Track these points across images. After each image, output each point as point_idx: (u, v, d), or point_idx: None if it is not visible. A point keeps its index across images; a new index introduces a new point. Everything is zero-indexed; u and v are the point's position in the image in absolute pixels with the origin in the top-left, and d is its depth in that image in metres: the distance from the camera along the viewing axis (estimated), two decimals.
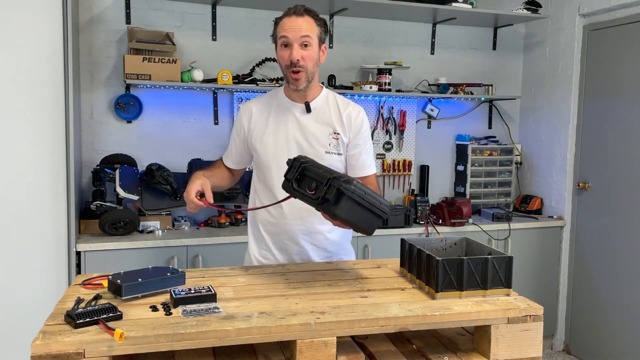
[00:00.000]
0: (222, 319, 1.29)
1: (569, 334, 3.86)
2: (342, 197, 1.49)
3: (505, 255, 1.50)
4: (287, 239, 1.97)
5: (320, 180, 1.53)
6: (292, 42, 1.84)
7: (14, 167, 2.63)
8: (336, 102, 2.00)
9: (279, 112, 1.97)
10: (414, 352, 1.46)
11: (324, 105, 1.98)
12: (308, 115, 1.95)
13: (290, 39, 1.84)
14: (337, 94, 2.06)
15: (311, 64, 1.88)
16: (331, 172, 1.55)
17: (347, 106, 1.99)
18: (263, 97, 2.06)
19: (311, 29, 1.86)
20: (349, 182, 1.49)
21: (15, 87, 2.60)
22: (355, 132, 1.97)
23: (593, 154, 3.67)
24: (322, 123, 1.95)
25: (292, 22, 1.85)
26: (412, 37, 3.92)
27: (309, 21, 1.87)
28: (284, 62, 1.87)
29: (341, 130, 1.96)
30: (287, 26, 1.85)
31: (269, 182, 1.96)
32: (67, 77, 2.70)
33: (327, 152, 1.93)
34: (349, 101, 2.03)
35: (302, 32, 1.83)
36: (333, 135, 1.95)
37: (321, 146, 1.93)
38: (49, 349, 1.14)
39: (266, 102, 2.01)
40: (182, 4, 3.39)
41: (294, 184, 1.59)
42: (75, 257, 2.79)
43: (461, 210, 3.57)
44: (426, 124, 4.02)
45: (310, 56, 1.87)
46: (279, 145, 1.94)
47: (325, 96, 2.00)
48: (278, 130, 1.95)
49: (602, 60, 3.59)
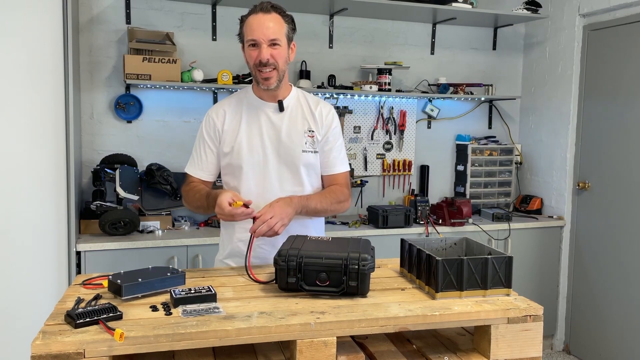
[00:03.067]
0: (222, 319, 1.29)
1: (569, 334, 3.86)
2: (365, 276, 1.45)
3: (505, 255, 1.50)
4: (264, 244, 1.89)
5: (333, 269, 1.45)
6: (260, 43, 1.79)
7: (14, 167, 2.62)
8: (307, 101, 1.97)
9: (251, 112, 1.92)
10: (414, 352, 1.46)
11: (295, 104, 1.95)
12: (281, 114, 1.91)
13: (258, 40, 1.79)
14: (308, 93, 2.03)
15: (282, 62, 1.83)
16: (331, 255, 1.47)
17: (317, 104, 1.97)
18: (231, 97, 1.99)
19: (279, 29, 1.81)
20: (364, 259, 1.45)
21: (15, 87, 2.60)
22: (326, 129, 1.95)
23: (593, 154, 3.67)
24: (296, 121, 1.92)
25: (259, 20, 1.79)
26: (412, 37, 3.92)
27: (277, 19, 1.81)
28: (252, 61, 1.82)
29: (315, 128, 1.93)
30: (255, 26, 1.79)
31: (242, 186, 1.90)
32: (67, 77, 2.70)
33: (303, 151, 1.90)
34: (318, 99, 2.01)
35: (271, 35, 1.78)
36: (308, 134, 1.92)
37: (297, 145, 1.90)
38: (49, 349, 1.14)
39: (236, 103, 1.95)
40: (182, 4, 3.39)
41: (302, 284, 1.46)
42: (75, 257, 2.79)
43: (461, 210, 3.57)
44: (426, 124, 4.02)
45: (280, 54, 1.82)
46: (253, 146, 1.89)
47: (296, 95, 1.97)
48: (251, 131, 1.90)
49: (602, 60, 3.59)
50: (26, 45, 2.61)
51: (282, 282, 1.47)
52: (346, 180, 2.02)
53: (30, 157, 2.65)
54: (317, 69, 3.68)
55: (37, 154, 2.66)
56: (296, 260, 1.46)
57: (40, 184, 2.67)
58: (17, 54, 2.59)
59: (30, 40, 2.61)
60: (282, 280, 1.47)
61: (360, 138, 3.82)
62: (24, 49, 2.61)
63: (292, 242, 1.56)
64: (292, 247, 1.50)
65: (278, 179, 1.91)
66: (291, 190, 1.90)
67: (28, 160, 2.65)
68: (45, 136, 2.67)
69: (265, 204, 1.76)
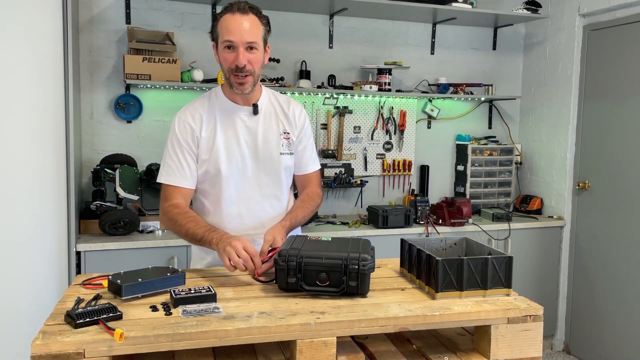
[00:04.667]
0: (222, 319, 1.29)
1: (569, 334, 3.86)
2: (365, 276, 1.45)
3: (505, 255, 1.50)
4: None
5: (333, 269, 1.45)
6: (238, 46, 1.72)
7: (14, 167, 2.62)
8: (278, 101, 1.94)
9: (225, 117, 1.85)
10: (414, 352, 1.46)
11: (268, 106, 1.91)
12: (255, 117, 1.87)
13: (235, 42, 1.72)
14: (276, 91, 1.99)
15: (258, 68, 1.78)
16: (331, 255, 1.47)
17: (289, 104, 1.94)
18: (203, 100, 1.89)
19: (256, 32, 1.75)
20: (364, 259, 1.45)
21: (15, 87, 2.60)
22: (299, 129, 1.94)
23: (593, 154, 3.67)
24: (270, 124, 1.89)
25: (236, 21, 1.72)
26: (412, 37, 3.92)
27: (254, 21, 1.75)
28: (228, 65, 1.75)
29: (290, 129, 1.91)
30: (232, 27, 1.72)
31: (222, 193, 1.84)
32: (67, 77, 2.70)
33: (281, 154, 1.89)
34: (288, 98, 1.98)
35: (248, 38, 1.72)
36: (284, 135, 1.90)
37: (274, 148, 1.88)
38: (49, 349, 1.14)
39: (209, 106, 1.86)
40: (182, 4, 3.39)
41: (302, 284, 1.46)
42: (75, 257, 2.79)
43: (461, 210, 3.57)
44: (426, 124, 4.02)
45: (257, 59, 1.76)
46: (231, 152, 1.83)
47: (267, 96, 1.93)
48: (227, 136, 1.84)
49: (602, 60, 3.59)
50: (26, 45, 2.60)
51: (282, 282, 1.47)
52: (318, 178, 2.04)
53: (30, 157, 2.65)
54: (317, 69, 3.68)
55: (37, 153, 2.66)
56: (296, 260, 1.45)
57: (40, 184, 2.67)
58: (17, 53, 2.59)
59: (30, 40, 2.61)
60: (282, 280, 1.47)
61: (360, 138, 3.82)
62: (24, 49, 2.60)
63: (292, 242, 1.56)
64: (292, 247, 1.50)
65: (258, 184, 1.88)
66: (271, 194, 1.89)
67: (28, 160, 2.65)
68: (45, 136, 2.66)
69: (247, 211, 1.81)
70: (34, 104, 2.63)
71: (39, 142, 2.66)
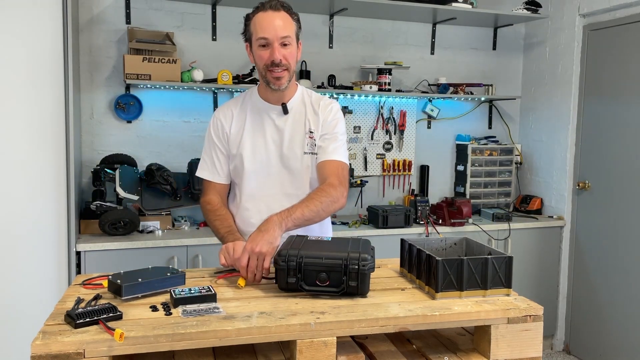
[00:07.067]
0: (222, 319, 1.29)
1: (569, 334, 3.86)
2: (365, 276, 1.45)
3: (505, 255, 1.50)
4: None
5: (333, 269, 1.44)
6: (272, 42, 1.76)
7: (14, 167, 2.62)
8: (311, 100, 1.95)
9: (255, 115, 1.91)
10: (414, 352, 1.46)
11: (300, 105, 1.93)
12: (285, 116, 1.90)
13: (270, 39, 1.76)
14: (313, 91, 2.00)
15: (293, 62, 1.82)
16: (331, 255, 1.46)
17: (320, 101, 1.94)
18: (238, 99, 1.98)
19: (289, 27, 1.79)
20: (364, 259, 1.44)
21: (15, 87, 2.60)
22: (322, 121, 1.91)
23: (593, 154, 3.67)
24: (298, 124, 1.91)
25: (269, 19, 1.76)
26: (412, 37, 3.92)
27: (286, 18, 1.79)
28: (264, 62, 1.79)
29: (315, 128, 1.91)
30: (265, 24, 1.76)
31: (244, 187, 1.91)
32: (67, 77, 2.70)
33: (305, 153, 1.90)
34: (322, 96, 1.98)
35: (282, 32, 1.76)
36: (309, 135, 1.91)
37: (298, 147, 1.89)
38: (49, 349, 1.14)
39: (242, 105, 1.94)
40: (182, 4, 3.39)
41: (302, 284, 1.45)
42: (75, 257, 2.79)
43: (461, 210, 3.57)
44: (426, 124, 4.02)
45: (291, 54, 1.81)
46: (256, 148, 1.89)
47: (301, 95, 1.95)
48: (255, 134, 1.90)
49: (602, 60, 3.59)
50: (26, 45, 2.61)
51: (282, 282, 1.47)
52: (338, 170, 1.86)
53: (31, 157, 2.65)
54: (317, 69, 3.68)
55: (37, 154, 2.66)
56: (296, 260, 1.45)
57: (40, 184, 2.67)
58: (17, 54, 2.60)
59: (30, 40, 2.61)
60: (282, 280, 1.47)
61: (360, 138, 3.82)
62: (24, 49, 2.61)
63: (292, 242, 1.56)
64: (292, 247, 1.50)
65: (280, 182, 1.91)
66: (292, 193, 1.90)
67: (28, 160, 2.65)
68: (45, 136, 2.67)
69: (266, 208, 1.80)
70: (34, 104, 2.64)
71: (39, 142, 2.66)
